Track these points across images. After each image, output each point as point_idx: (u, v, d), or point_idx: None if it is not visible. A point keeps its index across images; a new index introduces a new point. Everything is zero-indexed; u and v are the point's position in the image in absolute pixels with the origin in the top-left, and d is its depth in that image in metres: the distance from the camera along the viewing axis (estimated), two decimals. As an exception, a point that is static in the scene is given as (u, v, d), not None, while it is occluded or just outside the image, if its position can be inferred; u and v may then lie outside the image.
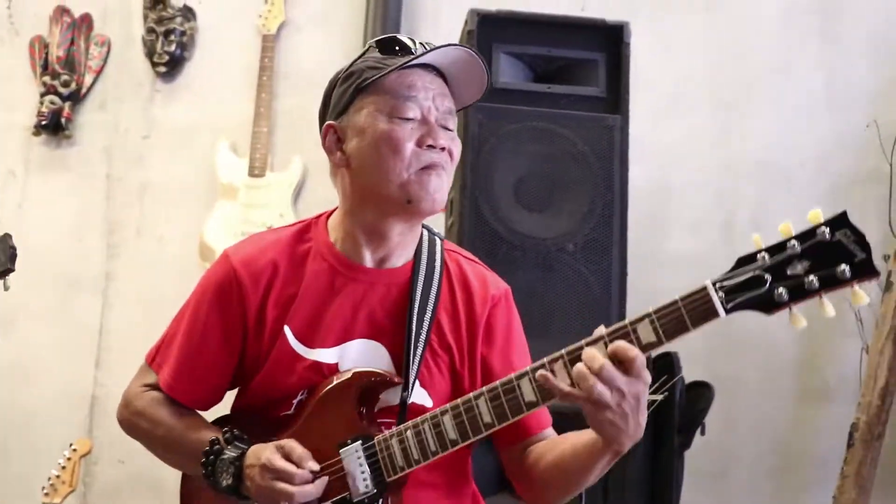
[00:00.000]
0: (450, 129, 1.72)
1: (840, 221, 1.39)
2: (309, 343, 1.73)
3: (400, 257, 1.78)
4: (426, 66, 1.72)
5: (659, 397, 2.29)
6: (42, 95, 4.03)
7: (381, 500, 1.64)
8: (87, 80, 4.09)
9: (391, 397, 1.71)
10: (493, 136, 2.94)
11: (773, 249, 1.42)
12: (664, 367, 2.96)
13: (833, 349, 3.58)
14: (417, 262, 1.77)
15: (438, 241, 1.84)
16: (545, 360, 1.53)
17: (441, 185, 1.70)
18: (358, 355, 1.73)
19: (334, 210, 1.83)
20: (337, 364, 1.73)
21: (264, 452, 1.64)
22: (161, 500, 1.90)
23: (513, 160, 2.94)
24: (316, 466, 1.64)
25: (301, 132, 3.97)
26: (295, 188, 3.90)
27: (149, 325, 3.71)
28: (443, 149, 1.69)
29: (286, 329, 1.73)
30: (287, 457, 1.63)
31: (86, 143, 4.10)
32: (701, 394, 3.04)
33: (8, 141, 4.12)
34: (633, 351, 1.47)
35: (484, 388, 1.58)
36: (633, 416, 1.50)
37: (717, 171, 3.81)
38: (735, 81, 3.84)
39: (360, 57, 1.75)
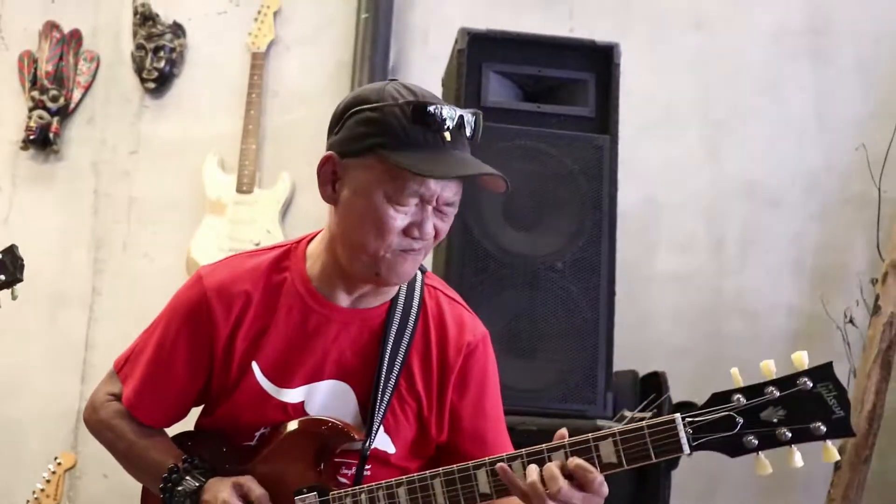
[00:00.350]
0: (445, 213, 1.66)
1: (823, 373, 1.37)
2: (277, 381, 1.71)
3: (376, 298, 1.75)
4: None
5: (648, 414, 2.28)
6: (30, 110, 4.02)
7: None
8: (76, 95, 4.07)
9: (354, 442, 1.70)
10: (481, 154, 2.91)
11: (750, 391, 1.39)
12: (652, 385, 2.95)
13: (821, 370, 3.57)
14: (394, 302, 1.74)
15: (420, 275, 1.80)
16: (504, 455, 1.53)
17: (413, 266, 1.68)
18: (325, 397, 1.72)
19: (317, 233, 1.80)
20: (303, 403, 1.71)
21: (222, 492, 1.64)
22: (145, 517, 1.89)
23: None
24: None
25: (289, 149, 3.98)
26: (283, 204, 3.90)
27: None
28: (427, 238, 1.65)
29: (254, 365, 1.71)
30: (244, 497, 1.64)
31: (73, 158, 4.08)
32: (688, 414, 3.02)
33: (-5, 155, 4.10)
34: (593, 474, 1.46)
35: (441, 470, 1.58)
36: None
37: (707, 191, 3.82)
38: (725, 101, 3.85)
39: (390, 102, 1.62)
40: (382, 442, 1.72)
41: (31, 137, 3.98)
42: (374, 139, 1.61)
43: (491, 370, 1.81)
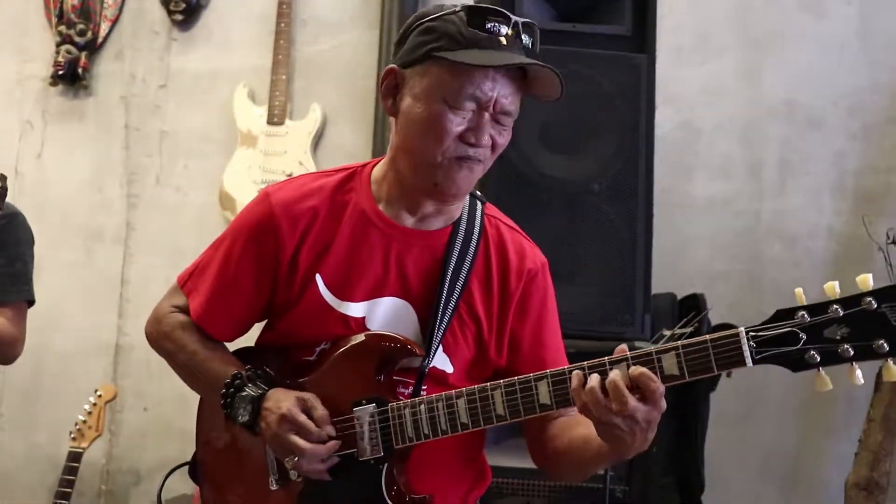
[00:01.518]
0: (503, 124, 1.67)
1: (889, 294, 1.36)
2: (339, 294, 1.72)
3: (438, 220, 1.75)
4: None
5: (688, 330, 2.26)
6: (58, 45, 4.01)
7: (385, 465, 1.66)
8: (103, 29, 4.05)
9: (412, 359, 1.70)
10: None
11: (814, 309, 1.39)
12: (691, 308, 2.93)
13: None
14: (456, 226, 1.75)
15: (480, 206, 1.81)
16: (566, 367, 1.54)
17: (470, 177, 1.68)
18: (386, 313, 1.72)
19: (381, 159, 1.81)
20: (364, 318, 1.72)
21: (285, 401, 1.64)
22: (187, 447, 1.89)
23: (537, 101, 2.87)
24: (332, 431, 1.65)
25: (320, 80, 3.94)
26: (314, 136, 3.87)
27: (170, 275, 3.73)
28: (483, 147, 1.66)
29: (318, 277, 1.72)
30: (307, 412, 1.64)
31: (103, 93, 4.07)
32: (728, 336, 3.00)
33: (25, 91, 4.10)
34: (656, 383, 1.46)
35: (502, 382, 1.59)
36: (641, 436, 1.50)
37: (745, 114, 3.74)
38: (764, 20, 3.74)
39: (449, 11, 1.66)
40: (441, 361, 1.72)
41: (60, 73, 3.97)
42: (432, 44, 1.64)
43: (550, 298, 1.82)
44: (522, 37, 1.66)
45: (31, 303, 2.58)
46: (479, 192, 1.83)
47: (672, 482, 2.98)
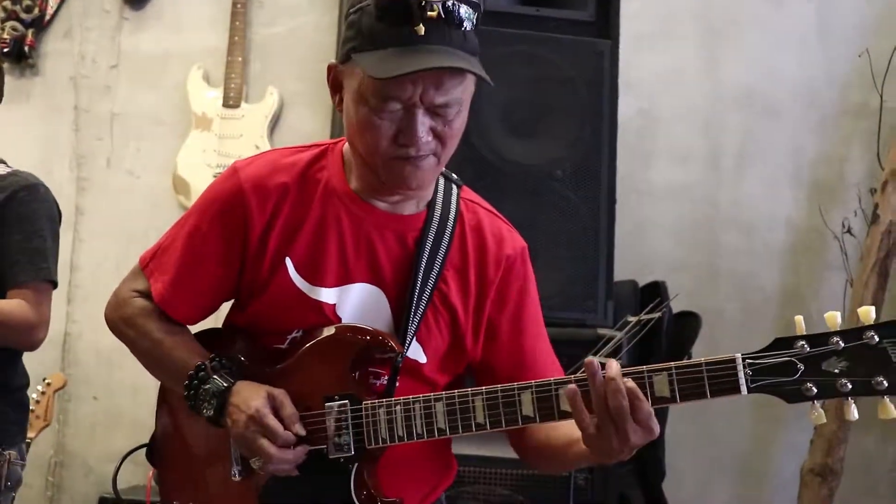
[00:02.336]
0: (442, 115, 1.54)
1: (891, 329, 1.33)
2: (310, 279, 1.64)
3: (410, 204, 1.67)
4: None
5: (655, 316, 2.25)
6: (2, 21, 3.89)
7: (355, 465, 1.59)
8: (51, 5, 3.93)
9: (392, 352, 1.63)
10: (481, 60, 2.85)
11: (815, 340, 1.36)
12: (652, 295, 2.93)
13: (817, 282, 3.57)
14: (431, 211, 1.67)
15: (456, 189, 1.72)
16: (552, 379, 1.49)
17: (419, 174, 1.57)
18: (358, 300, 1.64)
19: None
20: (335, 305, 1.64)
21: (254, 400, 1.56)
22: (137, 437, 1.83)
23: (500, 85, 2.84)
24: (302, 431, 1.57)
25: (277, 62, 3.87)
26: (271, 119, 3.80)
27: (121, 260, 3.70)
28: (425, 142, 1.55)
29: (287, 261, 1.64)
30: (276, 410, 1.57)
31: (51, 73, 3.96)
32: (688, 323, 3.02)
33: (-31, 69, 3.97)
34: (645, 403, 1.41)
35: (483, 389, 1.52)
36: (626, 452, 1.46)
37: (704, 103, 3.76)
38: (724, 9, 3.77)
39: (367, 1, 1.53)
40: (414, 351, 1.65)
41: (5, 50, 3.85)
42: (351, 43, 1.55)
43: (530, 284, 1.74)
44: (449, 17, 1.51)
45: (53, 283, 2.37)
46: (454, 175, 1.75)
47: (632, 470, 2.99)
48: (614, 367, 1.43)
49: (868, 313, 1.35)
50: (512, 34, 2.89)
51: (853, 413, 1.36)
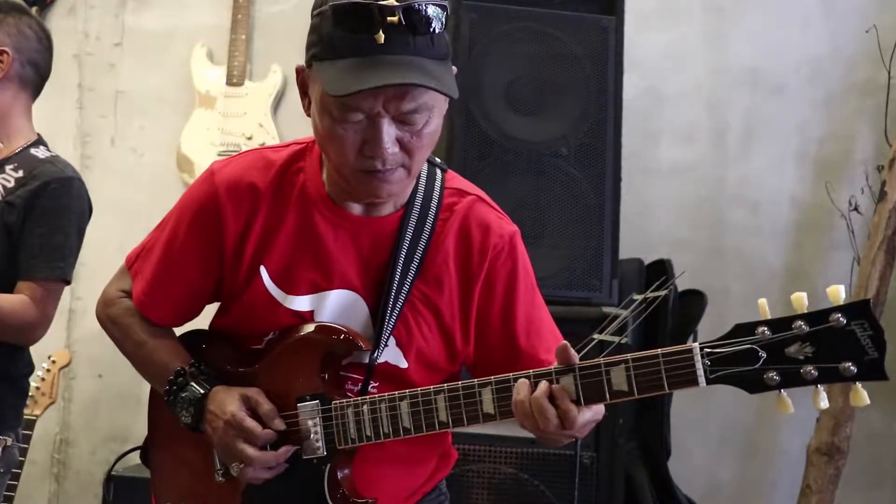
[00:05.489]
0: (410, 123, 1.47)
1: (859, 310, 1.26)
2: (285, 287, 1.62)
3: (387, 205, 1.62)
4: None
5: (661, 294, 2.24)
6: (7, -1, 3.86)
7: (328, 465, 1.59)
8: (55, -17, 3.92)
9: (361, 354, 1.62)
10: (484, 36, 2.85)
11: (776, 325, 1.29)
12: (658, 273, 2.92)
13: (823, 260, 3.55)
14: (409, 208, 1.61)
15: (439, 176, 1.66)
16: (511, 375, 1.47)
17: (388, 186, 1.52)
18: (335, 306, 1.62)
19: None
20: (312, 312, 1.63)
21: (229, 405, 1.57)
22: (141, 416, 1.84)
23: (504, 62, 2.85)
24: (282, 426, 1.58)
25: (280, 40, 3.85)
26: (274, 98, 3.79)
27: (124, 238, 3.68)
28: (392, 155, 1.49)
29: (262, 270, 1.62)
30: (252, 410, 1.58)
31: (55, 51, 3.92)
32: (694, 301, 3.01)
33: (-28, 48, 3.95)
34: (574, 412, 1.42)
35: (445, 386, 1.51)
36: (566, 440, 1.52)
37: (709, 80, 3.73)
38: (729, -16, 3.73)
39: (327, 4, 1.45)
40: (393, 356, 1.62)
41: (10, 28, 3.83)
42: (312, 49, 1.49)
43: (522, 270, 1.66)
44: (412, 23, 1.42)
45: (67, 282, 2.34)
46: (438, 160, 1.69)
47: (637, 448, 2.99)
48: (541, 387, 1.43)
49: (837, 293, 1.27)
50: (516, 10, 2.87)
51: (823, 401, 1.29)
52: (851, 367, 1.25)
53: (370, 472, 1.63)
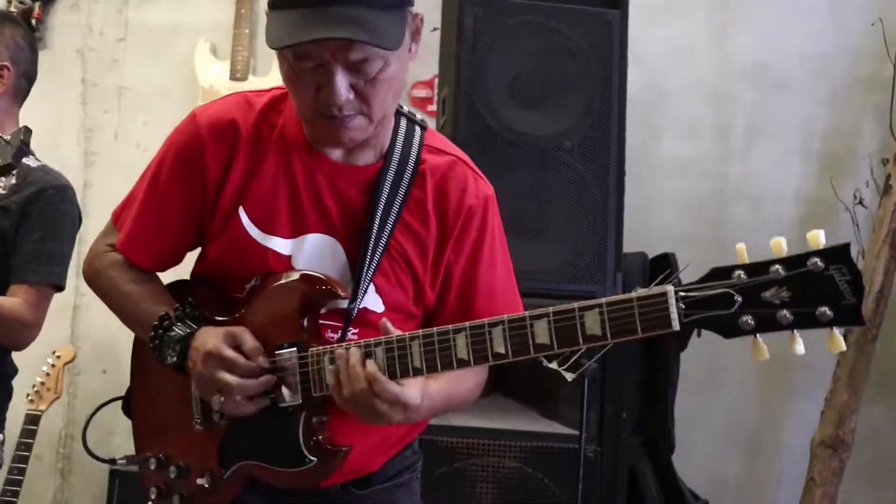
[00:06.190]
0: (363, 72, 1.49)
1: (838, 254, 1.22)
2: (264, 228, 1.64)
3: (367, 153, 1.65)
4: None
5: (668, 287, 2.22)
6: (11, -6, 3.87)
7: (303, 413, 1.59)
8: (58, -21, 3.92)
9: (340, 301, 1.62)
10: (488, 30, 2.85)
11: (753, 269, 1.25)
12: (662, 267, 2.92)
13: (828, 254, 3.54)
14: (389, 159, 1.64)
15: (418, 133, 1.68)
16: (486, 320, 1.45)
17: (349, 132, 1.55)
18: (313, 251, 1.64)
19: None
20: (290, 257, 1.64)
21: (211, 339, 1.58)
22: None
23: (508, 55, 2.84)
24: (265, 363, 1.58)
25: (284, 34, 3.84)
26: (278, 92, 3.78)
27: (129, 234, 3.70)
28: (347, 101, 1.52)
29: (241, 211, 1.64)
30: (236, 347, 1.58)
31: (58, 46, 3.95)
32: (699, 296, 3.00)
33: (-24, 43, 3.96)
34: (389, 387, 1.48)
35: (420, 332, 1.50)
36: (384, 421, 1.52)
37: (713, 75, 3.73)
38: (733, -21, 3.73)
39: None
40: (372, 301, 1.64)
41: (14, 24, 3.83)
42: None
43: (490, 234, 1.69)
44: None
45: (59, 288, 2.37)
46: (418, 117, 1.71)
47: (641, 442, 2.99)
48: (354, 355, 1.49)
49: (817, 238, 1.23)
50: (520, 4, 2.87)
51: (799, 348, 1.25)
52: (828, 312, 1.22)
53: (344, 424, 1.63)
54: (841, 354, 3.20)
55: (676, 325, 1.29)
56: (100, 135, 3.91)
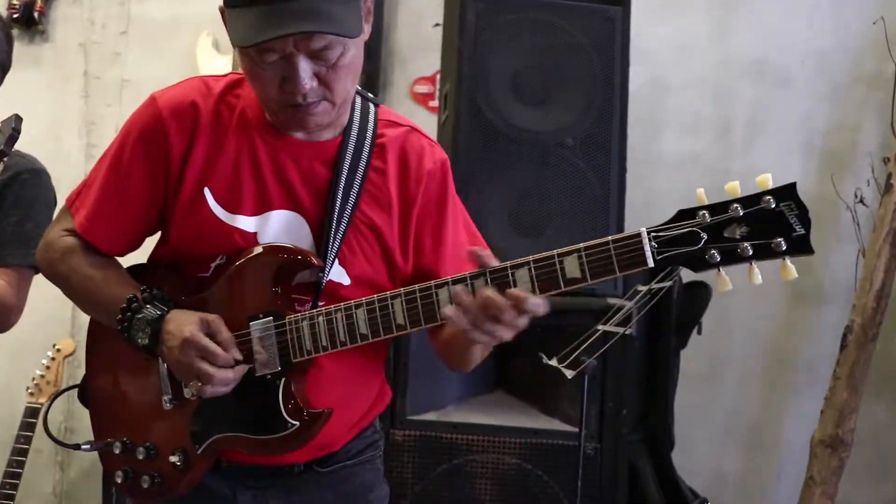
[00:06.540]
0: (325, 59, 1.55)
1: (787, 192, 1.37)
2: (229, 208, 1.66)
3: (326, 131, 1.69)
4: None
5: (666, 285, 2.24)
6: (13, -13, 3.87)
7: (282, 380, 1.62)
8: (61, -29, 3.91)
9: (309, 272, 1.66)
10: (490, 26, 2.84)
11: (715, 209, 1.40)
12: (664, 264, 2.91)
13: (828, 253, 3.54)
14: (347, 135, 1.69)
15: (373, 110, 1.75)
16: (467, 273, 1.50)
17: (312, 119, 1.60)
18: (278, 227, 1.66)
19: None
20: (255, 234, 1.66)
21: (187, 325, 1.59)
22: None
23: (510, 52, 2.84)
24: (239, 355, 1.60)
25: (286, 29, 3.84)
26: (279, 87, 3.78)
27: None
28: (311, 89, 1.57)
29: (206, 191, 1.66)
30: (212, 336, 1.59)
31: (61, 39, 3.95)
32: (698, 293, 3.01)
33: (-22, 36, 3.95)
34: (530, 301, 1.47)
35: (402, 290, 1.55)
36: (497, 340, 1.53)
37: (714, 72, 3.72)
38: (734, -24, 3.72)
39: None
40: (337, 274, 1.67)
41: (15, 16, 3.83)
42: None
43: (450, 195, 1.76)
44: None
45: (37, 269, 2.41)
46: (371, 95, 1.77)
47: (641, 439, 2.99)
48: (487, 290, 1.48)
49: (766, 181, 1.38)
50: (521, 1, 2.86)
51: (757, 277, 1.39)
52: (782, 243, 1.36)
53: (317, 396, 1.65)
54: (842, 353, 3.20)
55: (651, 262, 1.41)
56: (101, 128, 3.91)
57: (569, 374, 2.32)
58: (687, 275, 3.14)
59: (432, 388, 2.80)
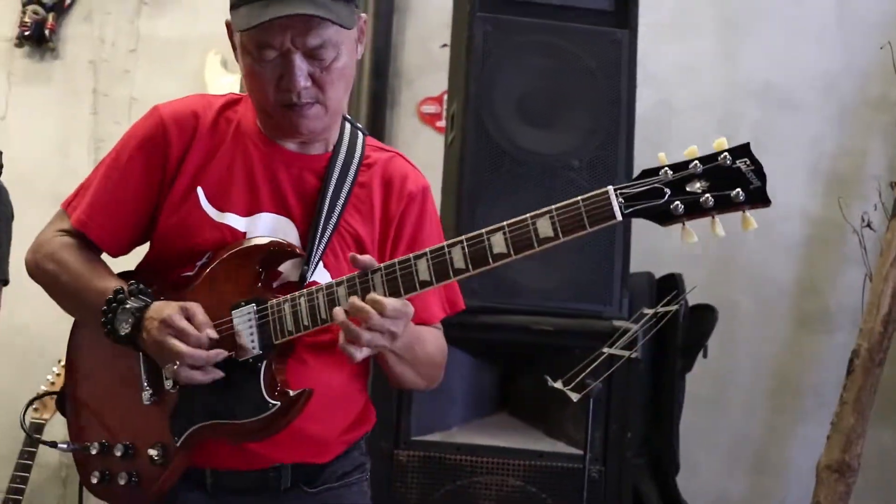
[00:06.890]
0: (320, 58, 1.66)
1: (742, 151, 1.47)
2: (220, 207, 1.73)
3: (318, 145, 1.79)
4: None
5: (672, 308, 2.24)
6: (24, 5, 3.90)
7: (264, 362, 1.65)
8: (72, -11, 3.94)
9: (292, 273, 1.72)
10: (497, 48, 2.85)
11: (677, 167, 1.48)
12: (669, 287, 2.91)
13: (835, 276, 3.55)
14: (337, 151, 1.79)
15: (361, 136, 1.85)
16: (445, 243, 1.57)
17: (308, 122, 1.70)
18: (267, 227, 1.73)
19: None
20: (245, 234, 1.73)
21: (166, 309, 1.64)
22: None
23: (518, 74, 2.85)
24: (214, 335, 1.64)
25: (294, 48, 3.86)
26: (287, 106, 3.80)
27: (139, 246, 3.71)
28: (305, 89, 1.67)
29: (199, 190, 1.73)
30: (189, 319, 1.64)
31: (71, 56, 3.97)
32: (704, 316, 3.00)
33: (-11, 52, 3.99)
34: (375, 318, 1.55)
35: (382, 265, 1.61)
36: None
37: (721, 94, 3.73)
38: (742, 0, 3.73)
39: None
40: (321, 275, 1.73)
41: (26, 34, 3.87)
42: (231, 2, 1.68)
43: (429, 220, 1.84)
44: None
45: (5, 282, 2.40)
46: (360, 125, 1.87)
47: (646, 462, 2.98)
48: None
49: (723, 143, 1.47)
50: (529, 23, 2.87)
51: (719, 230, 1.49)
52: (740, 194, 1.45)
53: (299, 385, 1.67)
54: (849, 378, 3.19)
55: (619, 216, 1.49)
56: (110, 145, 3.78)
57: (574, 397, 2.32)
58: (692, 298, 3.15)
59: (437, 408, 2.79)
